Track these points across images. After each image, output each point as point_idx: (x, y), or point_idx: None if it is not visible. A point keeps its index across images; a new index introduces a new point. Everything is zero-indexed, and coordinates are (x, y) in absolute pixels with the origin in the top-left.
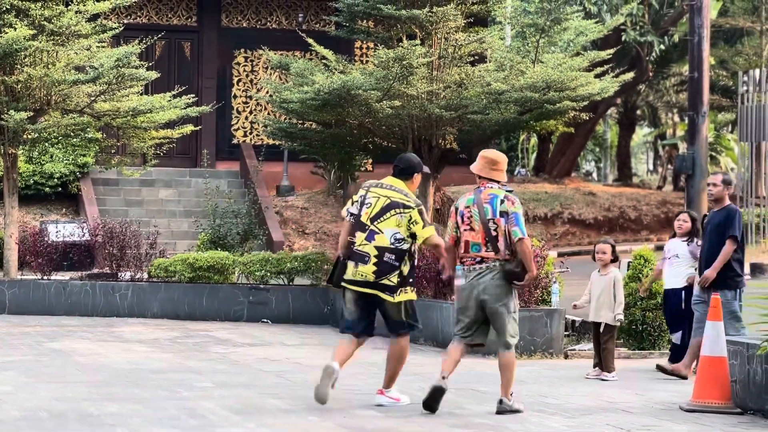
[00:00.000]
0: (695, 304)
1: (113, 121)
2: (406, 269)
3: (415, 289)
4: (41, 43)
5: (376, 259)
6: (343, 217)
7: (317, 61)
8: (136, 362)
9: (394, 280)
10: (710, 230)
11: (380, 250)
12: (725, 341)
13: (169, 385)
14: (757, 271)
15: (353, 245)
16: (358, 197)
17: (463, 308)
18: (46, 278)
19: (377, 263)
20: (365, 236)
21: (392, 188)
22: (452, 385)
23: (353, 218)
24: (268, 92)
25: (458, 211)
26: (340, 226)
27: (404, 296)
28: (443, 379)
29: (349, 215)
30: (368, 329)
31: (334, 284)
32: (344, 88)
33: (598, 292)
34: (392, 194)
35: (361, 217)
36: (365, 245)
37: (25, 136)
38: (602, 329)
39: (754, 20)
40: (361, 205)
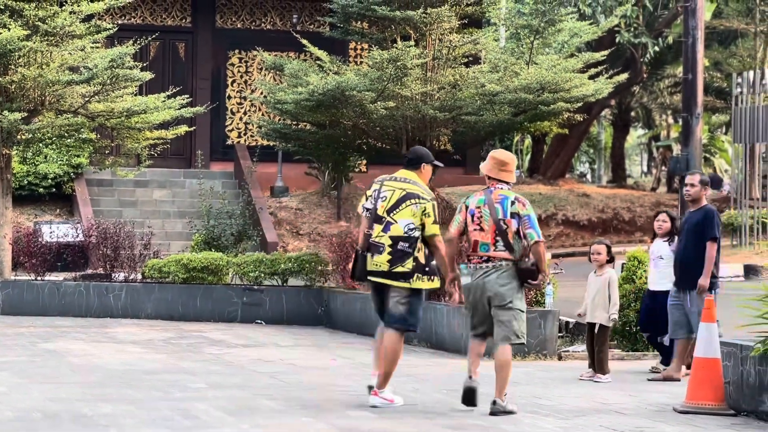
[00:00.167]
0: (672, 305)
1: (107, 121)
2: (421, 255)
3: (436, 278)
4: (35, 43)
5: (390, 248)
6: (359, 213)
7: (311, 62)
8: (129, 363)
9: (408, 266)
10: (687, 230)
11: (394, 239)
12: (719, 342)
13: (162, 386)
14: (750, 272)
15: (370, 238)
16: (372, 192)
17: (471, 307)
18: (39, 279)
19: (391, 252)
20: (382, 228)
21: (406, 180)
22: (445, 386)
23: (369, 213)
24: (262, 93)
25: (468, 209)
26: (334, 227)
27: (421, 284)
28: (470, 378)
29: (364, 211)
30: None
31: (356, 278)
32: (338, 89)
33: (593, 292)
34: (407, 186)
35: (377, 210)
36: (381, 236)
37: (19, 136)
38: (597, 330)
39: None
40: (375, 199)
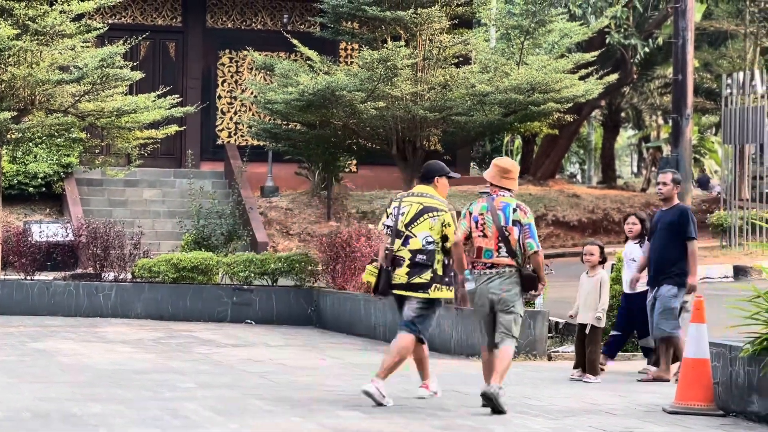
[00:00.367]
0: (651, 306)
1: (97, 121)
2: (439, 267)
3: (452, 289)
4: (25, 42)
5: (409, 261)
6: (379, 231)
7: (302, 62)
8: (119, 363)
9: (426, 277)
10: (661, 229)
11: (413, 252)
12: (708, 343)
13: (152, 385)
14: (740, 273)
15: (392, 252)
16: (391, 209)
17: (477, 312)
18: (29, 278)
19: (410, 264)
20: (401, 242)
21: (423, 195)
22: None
23: (390, 230)
24: (252, 93)
25: (472, 216)
26: (324, 227)
27: (439, 293)
28: (488, 385)
29: (385, 228)
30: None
31: (379, 293)
32: (329, 89)
33: (585, 293)
34: (423, 200)
35: (397, 225)
36: (401, 250)
37: (8, 135)
38: (588, 331)
39: (738, 23)
40: (396, 216)
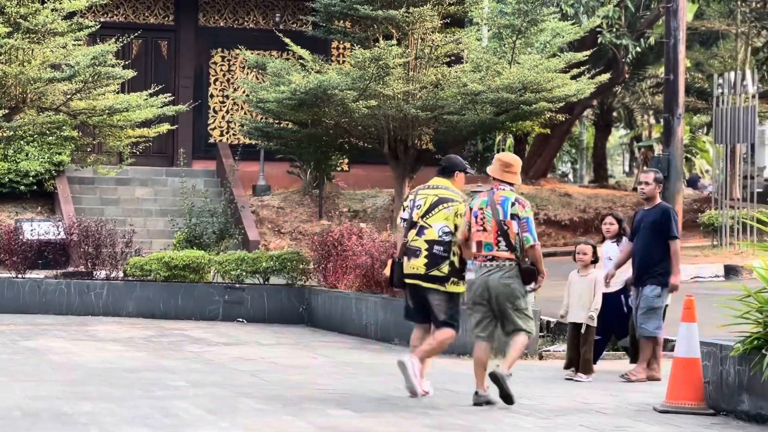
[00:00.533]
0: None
1: (89, 119)
2: (456, 260)
3: (463, 282)
4: (17, 40)
5: (426, 252)
6: (397, 224)
7: (294, 60)
8: (110, 361)
9: (444, 270)
10: (644, 228)
11: (429, 243)
12: (699, 342)
13: (143, 384)
14: (731, 273)
15: (406, 243)
16: (408, 202)
17: (474, 303)
18: (20, 276)
19: (428, 255)
20: (416, 232)
21: (438, 187)
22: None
23: (405, 222)
24: (244, 92)
25: (472, 211)
26: (315, 225)
27: (455, 288)
28: (477, 395)
29: (402, 221)
30: (426, 319)
31: (394, 285)
32: (320, 87)
33: (578, 292)
34: (440, 192)
35: (412, 217)
36: (416, 240)
37: (0, 133)
38: (583, 330)
39: (729, 23)
40: (411, 208)
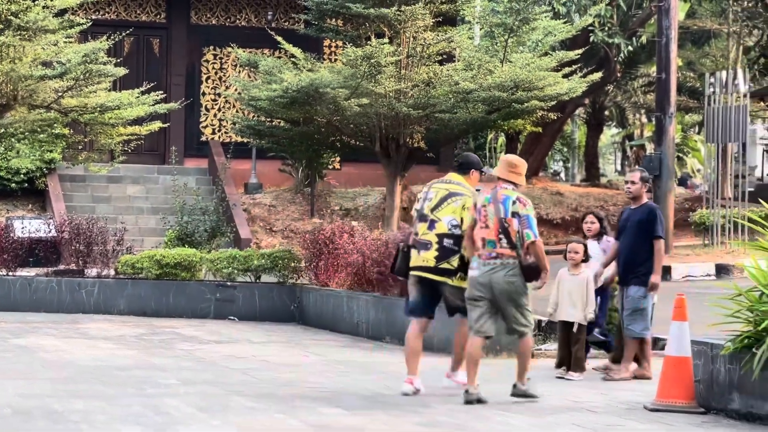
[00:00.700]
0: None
1: (81, 117)
2: (465, 254)
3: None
4: (8, 38)
5: (437, 245)
6: (412, 216)
7: (286, 59)
8: (101, 359)
9: (454, 263)
10: (630, 227)
11: (440, 236)
12: (690, 341)
13: (134, 382)
14: (722, 272)
15: (417, 236)
16: (421, 195)
17: (474, 298)
18: (11, 274)
19: (438, 248)
20: (427, 226)
21: (451, 182)
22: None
23: (417, 213)
24: (236, 90)
25: (476, 207)
26: (307, 223)
27: (462, 282)
28: (468, 392)
29: (414, 212)
30: (427, 312)
31: (395, 272)
32: (312, 86)
33: (568, 291)
34: (451, 186)
35: (423, 210)
36: (427, 234)
37: None
38: (575, 329)
39: (721, 22)
40: (423, 200)
